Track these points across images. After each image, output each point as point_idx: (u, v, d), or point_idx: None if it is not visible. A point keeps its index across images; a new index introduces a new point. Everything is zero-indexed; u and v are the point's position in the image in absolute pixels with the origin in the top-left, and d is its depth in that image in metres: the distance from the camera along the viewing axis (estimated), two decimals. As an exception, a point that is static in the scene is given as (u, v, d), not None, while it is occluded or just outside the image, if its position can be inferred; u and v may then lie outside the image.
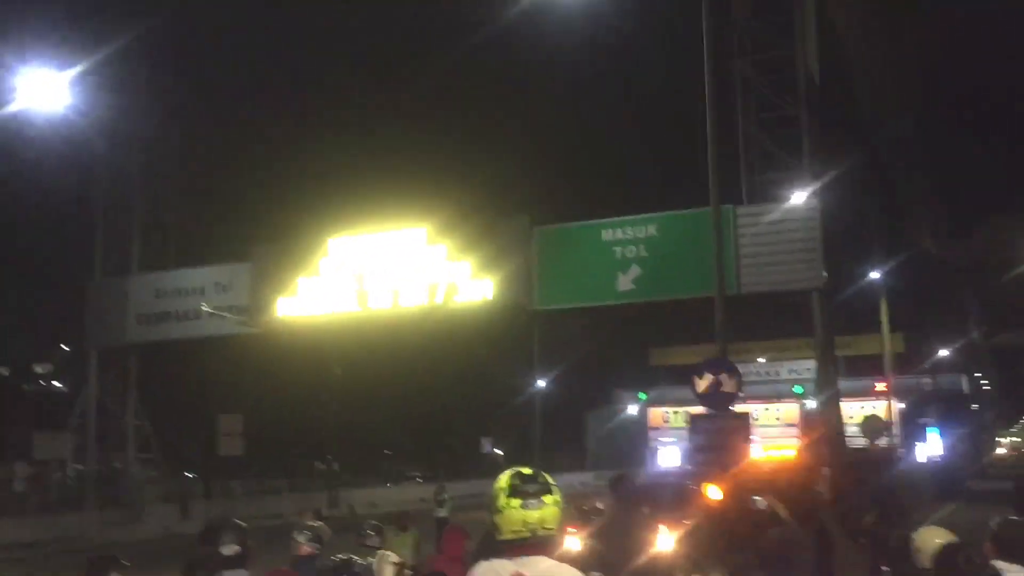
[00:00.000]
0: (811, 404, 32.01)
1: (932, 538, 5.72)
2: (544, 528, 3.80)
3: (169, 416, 35.02)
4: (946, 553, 4.43)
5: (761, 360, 49.78)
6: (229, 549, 4.61)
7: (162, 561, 19.35)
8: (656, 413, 47.83)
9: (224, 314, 27.71)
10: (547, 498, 3.80)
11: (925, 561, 5.44)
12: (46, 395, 52.36)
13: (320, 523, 9.26)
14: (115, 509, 29.53)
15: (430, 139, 53.57)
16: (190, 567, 7.64)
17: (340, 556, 6.53)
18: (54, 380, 57.19)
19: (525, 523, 3.79)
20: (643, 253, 23.29)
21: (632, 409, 51.04)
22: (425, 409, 47.61)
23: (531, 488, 3.81)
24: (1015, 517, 5.18)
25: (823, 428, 22.11)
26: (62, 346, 50.83)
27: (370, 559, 7.61)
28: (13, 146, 29.68)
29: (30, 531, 25.19)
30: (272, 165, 40.12)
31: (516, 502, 3.80)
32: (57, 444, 28.75)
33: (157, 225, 31.14)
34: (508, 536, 3.84)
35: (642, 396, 47.85)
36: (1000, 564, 4.46)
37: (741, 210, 22.28)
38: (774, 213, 21.87)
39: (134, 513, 29.53)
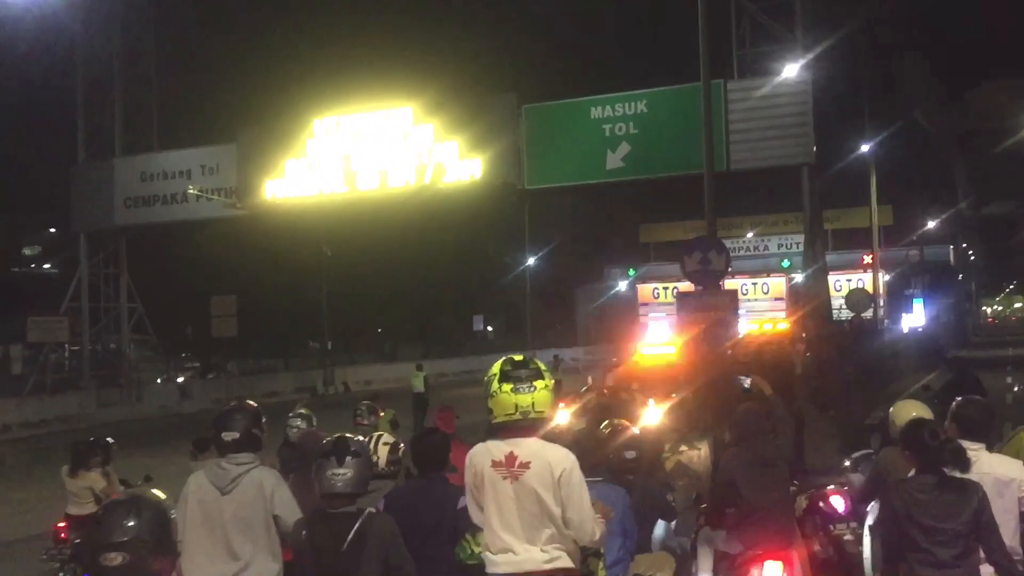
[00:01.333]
0: (798, 278, 32.32)
1: (907, 412, 5.93)
2: (535, 411, 3.96)
3: (162, 299, 35.21)
4: (911, 427, 4.60)
5: (750, 235, 50.07)
6: (230, 435, 4.74)
7: (163, 439, 19.93)
8: (645, 289, 48.23)
9: (211, 196, 27.57)
10: (538, 383, 3.96)
11: (897, 433, 5.66)
12: (37, 278, 52.51)
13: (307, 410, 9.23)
14: (113, 390, 30.07)
15: (416, 17, 52.10)
16: (196, 446, 7.89)
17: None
18: (44, 263, 57.28)
19: (517, 407, 3.95)
20: (632, 130, 23.08)
21: (622, 286, 51.52)
22: (417, 288, 47.91)
23: (522, 374, 3.96)
24: (976, 397, 5.36)
25: (809, 302, 22.44)
26: (50, 229, 50.70)
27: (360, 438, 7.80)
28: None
29: (30, 412, 25.71)
30: (256, 44, 39.02)
31: (508, 387, 3.95)
32: (51, 327, 28.99)
33: (139, 107, 30.59)
34: (501, 419, 4.01)
35: (631, 272, 48.21)
36: (963, 443, 4.65)
37: (732, 84, 21.96)
38: (765, 87, 21.55)
39: (132, 393, 30.09)
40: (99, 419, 25.67)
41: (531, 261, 52.57)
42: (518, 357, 4.08)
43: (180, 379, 35.43)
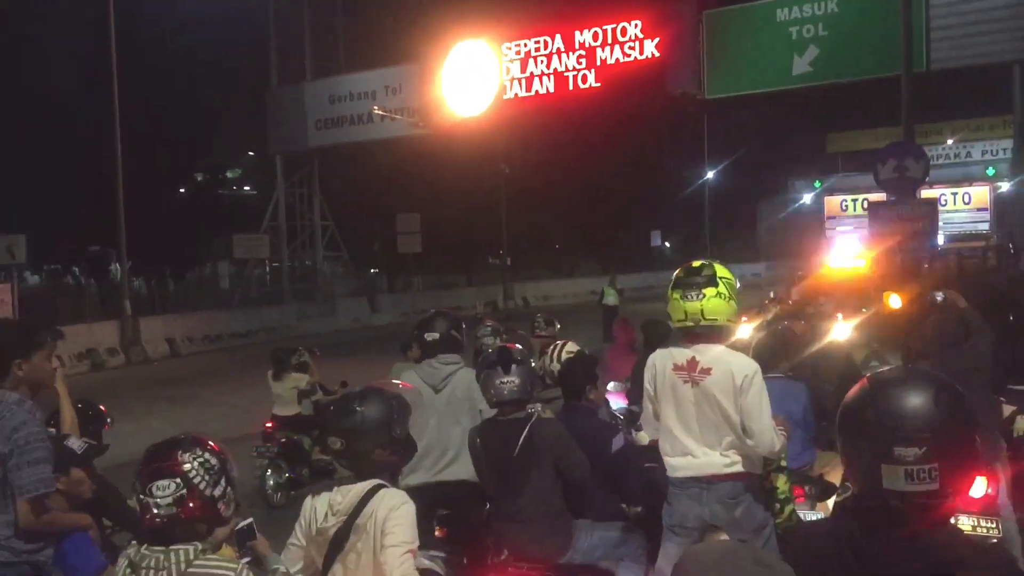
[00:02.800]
0: (1005, 187, 29.99)
1: None
2: (705, 319, 3.91)
3: (352, 216, 36.81)
4: None
5: (950, 141, 46.58)
6: (431, 336, 5.08)
7: (355, 350, 21.05)
8: (833, 201, 46.21)
9: (395, 116, 28.35)
10: (708, 291, 3.88)
11: None
12: (239, 199, 56.02)
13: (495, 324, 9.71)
14: (310, 303, 31.93)
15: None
16: (403, 348, 8.35)
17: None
18: (244, 185, 60.99)
19: (686, 313, 3.92)
20: (822, 32, 21.82)
21: (807, 198, 49.48)
22: (594, 204, 47.78)
23: (693, 280, 3.90)
24: None
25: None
26: (249, 153, 53.75)
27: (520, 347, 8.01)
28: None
29: (238, 323, 27.69)
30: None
31: (677, 293, 3.94)
32: (254, 244, 30.97)
33: (327, 31, 31.63)
34: (676, 324, 4.01)
35: (817, 184, 46.18)
36: None
37: (934, -24, 20.32)
38: (972, -23, 19.81)
39: (327, 306, 31.86)
40: (298, 330, 27.35)
41: (710, 175, 51.24)
42: (696, 263, 4.02)
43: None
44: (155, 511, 2.63)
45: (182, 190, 52.33)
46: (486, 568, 4.57)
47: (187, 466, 2.66)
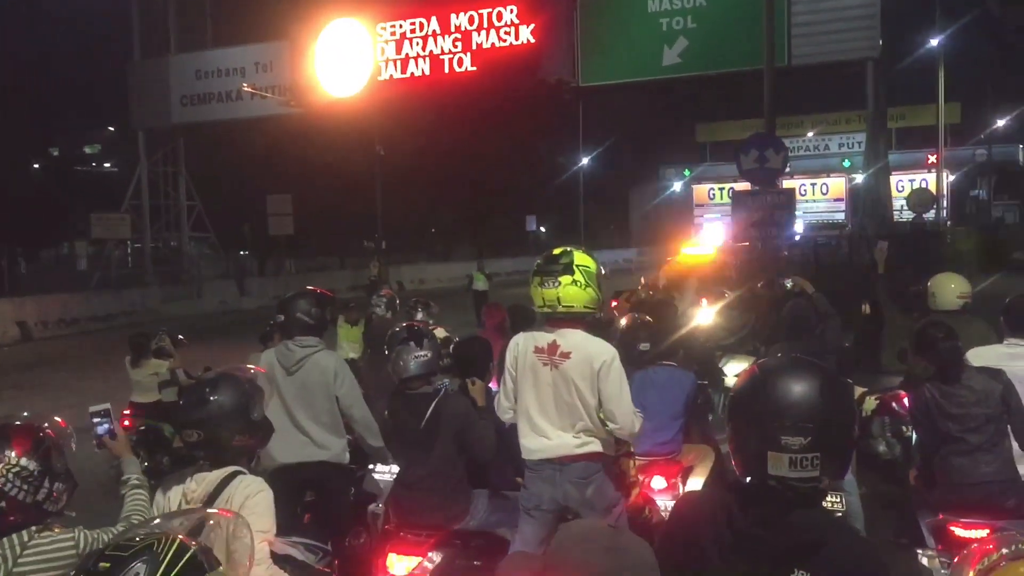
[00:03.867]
0: (859, 178, 31.56)
1: (946, 284, 5.92)
2: (562, 306, 3.96)
3: (220, 196, 35.71)
4: (922, 332, 4.62)
5: (810, 134, 48.74)
6: (288, 316, 5.03)
7: (223, 334, 20.47)
8: (701, 190, 47.72)
9: (265, 94, 27.58)
10: (564, 279, 3.93)
11: (936, 304, 5.82)
12: (98, 176, 53.49)
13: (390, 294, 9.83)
14: (175, 286, 30.82)
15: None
16: (263, 339, 8.13)
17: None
18: (104, 162, 58.26)
19: (544, 299, 3.97)
20: (690, 24, 22.44)
21: (677, 186, 50.85)
22: (470, 188, 47.85)
23: (551, 268, 3.95)
24: None
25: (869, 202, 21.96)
26: (109, 128, 51.38)
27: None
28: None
29: (97, 306, 26.45)
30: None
31: (536, 280, 3.98)
32: (114, 224, 29.63)
33: (193, 3, 30.43)
34: (537, 310, 4.06)
35: (687, 172, 47.56)
36: (1012, 340, 4.64)
37: (797, -25, 21.13)
38: (831, -23, 20.71)
39: (193, 289, 30.83)
40: (162, 314, 26.35)
41: (585, 161, 52.01)
42: (557, 251, 4.05)
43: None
44: None
45: (36, 165, 49.63)
46: (383, 536, 4.68)
47: (6, 484, 2.59)
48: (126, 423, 8.89)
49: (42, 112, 36.78)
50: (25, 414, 2.89)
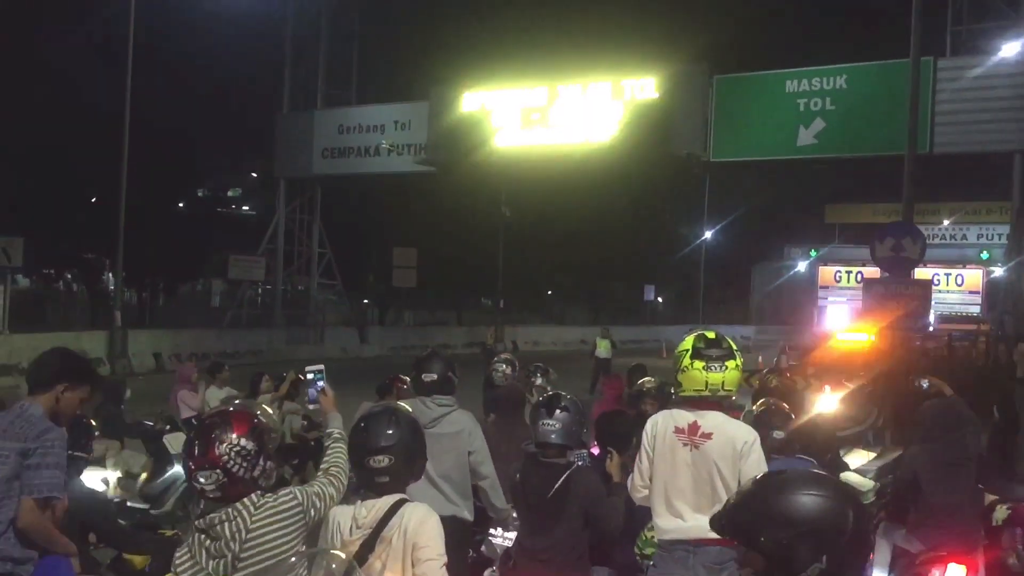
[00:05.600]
0: (998, 271, 30.25)
1: None
2: (724, 390, 4.01)
3: (349, 246, 36.88)
4: None
5: (946, 223, 47.06)
6: (428, 376, 5.18)
7: (343, 380, 21.00)
8: (827, 271, 46.42)
9: (401, 152, 28.57)
10: (729, 363, 4.00)
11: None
12: (236, 218, 56.02)
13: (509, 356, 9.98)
14: (300, 328, 31.85)
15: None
16: (381, 389, 8.37)
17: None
18: (244, 205, 61.07)
19: (707, 384, 4.00)
20: (829, 106, 22.20)
21: (801, 266, 49.77)
22: (591, 253, 47.98)
23: (714, 353, 4.00)
24: None
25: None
26: (252, 174, 53.89)
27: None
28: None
29: (227, 343, 27.58)
30: (456, 6, 39.51)
31: (699, 364, 4.01)
32: (250, 266, 30.99)
33: (341, 62, 31.96)
34: (689, 393, 4.07)
35: (813, 253, 46.48)
36: None
37: (943, 63, 20.75)
38: (980, 67, 20.21)
39: (316, 333, 31.78)
40: (286, 355, 27.23)
41: (708, 234, 51.57)
42: (710, 334, 4.12)
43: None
44: (207, 491, 2.97)
45: (181, 204, 52.44)
46: None
47: (224, 457, 2.94)
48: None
49: (192, 155, 38.92)
50: (237, 402, 3.20)
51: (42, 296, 39.22)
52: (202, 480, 2.93)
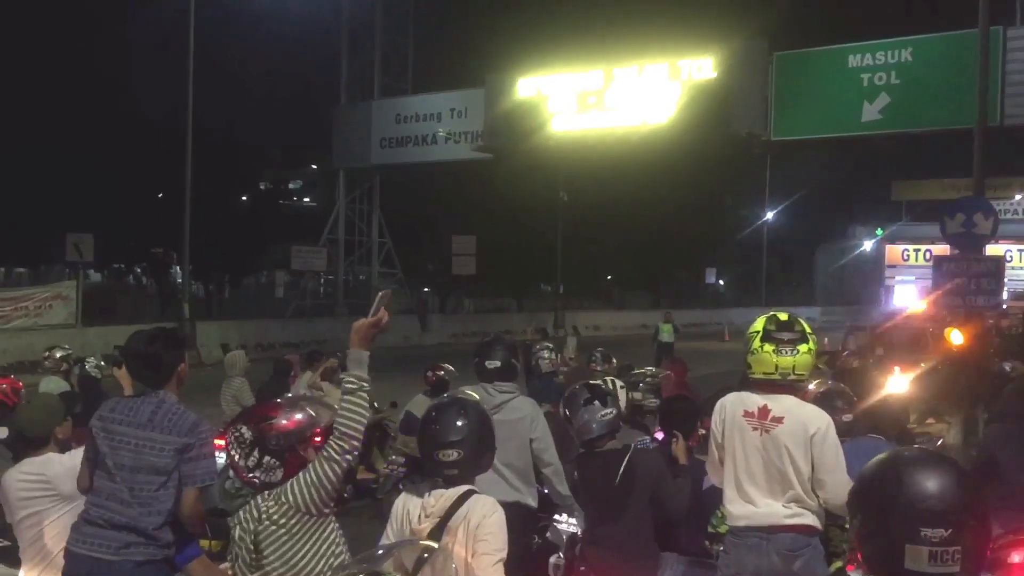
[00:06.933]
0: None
1: None
2: (795, 374, 3.90)
3: (408, 235, 37.15)
4: None
5: (1018, 197, 45.69)
6: (492, 363, 5.20)
7: (403, 368, 21.10)
8: (894, 250, 45.56)
9: (458, 139, 28.64)
10: (802, 347, 3.88)
11: None
12: (298, 210, 56.86)
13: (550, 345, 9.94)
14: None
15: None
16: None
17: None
18: (305, 197, 61.91)
19: (777, 367, 3.89)
20: (894, 80, 21.62)
21: (867, 245, 48.79)
22: (650, 237, 47.62)
23: (785, 336, 3.88)
24: None
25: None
26: (312, 166, 54.56)
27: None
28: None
29: (291, 333, 28.01)
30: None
31: (770, 347, 3.89)
32: (312, 256, 31.40)
33: (397, 52, 32.12)
34: (759, 376, 3.97)
35: (880, 232, 45.57)
36: None
37: (1012, 32, 20.04)
38: (1053, 35, 19.51)
39: (378, 322, 32.03)
40: (348, 344, 27.51)
41: (770, 215, 50.80)
42: (783, 316, 3.98)
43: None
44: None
45: (244, 198, 53.40)
46: None
47: (230, 447, 3.24)
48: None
49: (255, 149, 39.61)
50: (288, 395, 3.41)
51: (113, 290, 40.30)
52: (220, 461, 3.16)
